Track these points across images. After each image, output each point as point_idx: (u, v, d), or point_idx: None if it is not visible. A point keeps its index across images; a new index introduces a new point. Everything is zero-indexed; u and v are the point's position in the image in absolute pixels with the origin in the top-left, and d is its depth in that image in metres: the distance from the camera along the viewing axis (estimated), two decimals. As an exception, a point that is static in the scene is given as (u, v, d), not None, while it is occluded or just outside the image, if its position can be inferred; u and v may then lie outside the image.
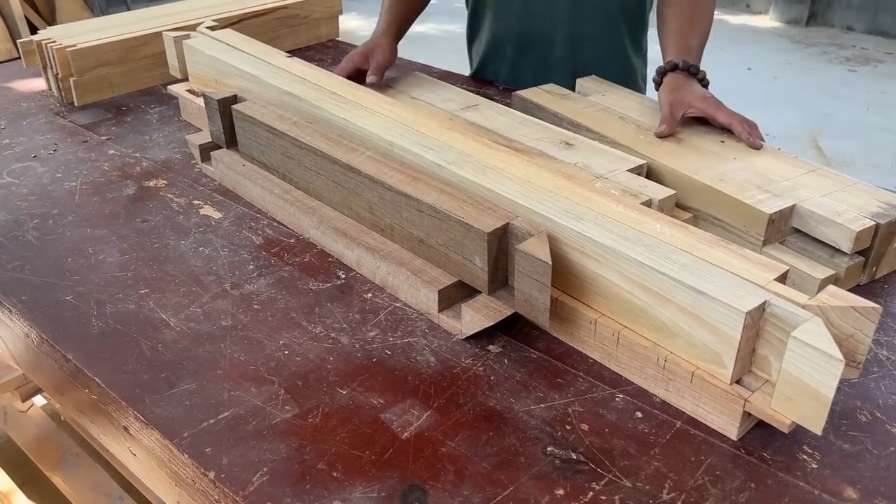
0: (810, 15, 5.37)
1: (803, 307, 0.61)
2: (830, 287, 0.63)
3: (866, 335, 0.61)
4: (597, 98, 1.16)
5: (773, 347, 0.64)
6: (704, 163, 0.95)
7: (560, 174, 0.82)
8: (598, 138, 1.03)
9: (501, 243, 0.76)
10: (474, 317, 0.77)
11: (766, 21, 5.48)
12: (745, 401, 0.64)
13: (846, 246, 0.81)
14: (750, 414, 0.65)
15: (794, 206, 0.85)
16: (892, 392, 0.72)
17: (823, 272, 0.80)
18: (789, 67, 4.58)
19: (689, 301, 0.65)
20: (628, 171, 0.92)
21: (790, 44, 5.03)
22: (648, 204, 0.85)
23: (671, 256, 0.68)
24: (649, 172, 0.95)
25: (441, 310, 0.80)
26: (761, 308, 0.63)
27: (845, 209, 0.83)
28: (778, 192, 0.87)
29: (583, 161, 0.95)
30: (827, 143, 3.55)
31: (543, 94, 1.17)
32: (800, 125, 3.73)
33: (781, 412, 0.62)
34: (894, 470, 0.63)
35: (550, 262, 0.70)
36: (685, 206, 0.92)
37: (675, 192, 0.88)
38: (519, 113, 1.11)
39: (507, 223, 0.76)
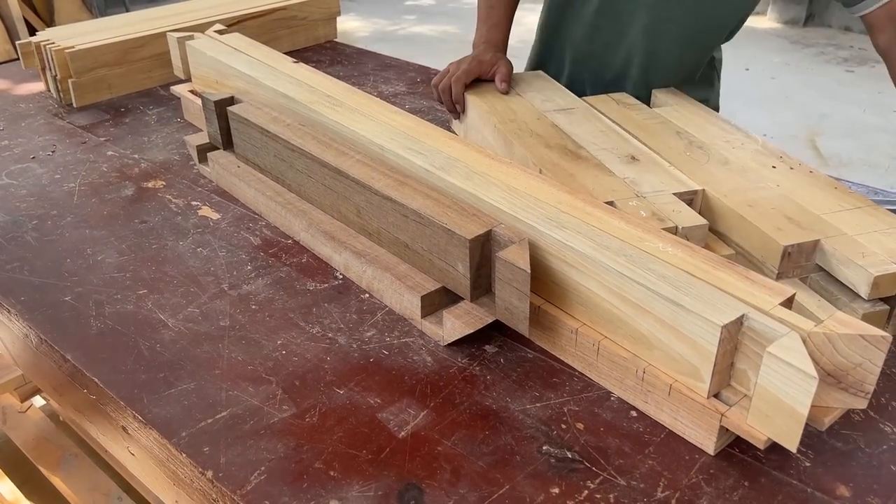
0: (808, 15, 5.38)
1: (809, 334, 0.59)
2: (838, 313, 0.61)
3: (875, 364, 0.58)
4: (664, 110, 1.13)
5: (751, 362, 0.63)
6: (742, 186, 0.90)
7: (558, 186, 0.81)
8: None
9: (484, 250, 0.76)
10: (455, 324, 0.77)
11: (764, 21, 5.49)
12: (722, 415, 0.63)
13: (864, 290, 0.75)
14: (728, 429, 0.64)
15: (817, 241, 0.80)
16: (885, 391, 0.72)
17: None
18: (787, 68, 4.59)
19: (666, 313, 0.65)
20: (675, 194, 0.88)
21: (788, 44, 5.04)
22: (674, 231, 0.81)
23: (651, 267, 0.67)
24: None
25: (424, 316, 0.80)
26: (739, 322, 0.62)
27: (873, 251, 0.77)
28: (807, 225, 0.82)
29: (634, 177, 0.92)
30: (824, 144, 3.56)
31: (609, 103, 1.16)
32: (797, 125, 3.73)
33: (757, 428, 0.62)
34: (887, 468, 0.64)
35: (529, 271, 0.70)
36: (724, 237, 0.88)
37: (705, 223, 0.84)
38: (608, 121, 1.09)
39: (490, 230, 0.76)
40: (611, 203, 0.86)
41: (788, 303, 0.64)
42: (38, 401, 1.63)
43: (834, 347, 0.59)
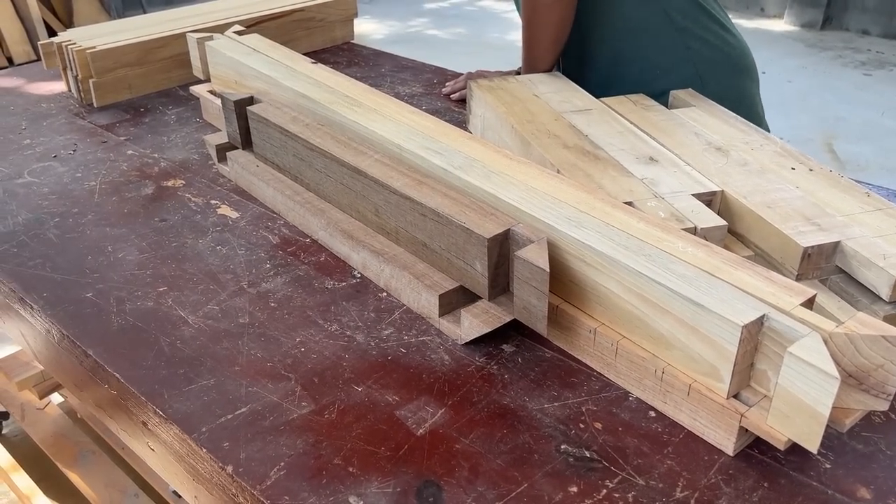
0: (825, 19, 5.34)
1: (830, 334, 0.59)
2: (860, 314, 0.61)
3: None
4: (682, 111, 1.12)
5: (771, 362, 0.62)
6: (760, 187, 0.90)
7: (577, 186, 0.81)
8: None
9: (503, 249, 0.76)
10: (473, 322, 0.77)
11: (781, 25, 5.46)
12: (742, 416, 0.63)
13: (885, 292, 0.75)
14: (747, 429, 0.64)
15: (837, 242, 0.79)
16: (906, 394, 0.72)
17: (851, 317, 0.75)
18: (804, 71, 4.56)
19: (686, 313, 0.64)
20: (694, 195, 0.88)
21: (805, 48, 5.01)
22: (693, 232, 0.81)
23: (671, 267, 0.67)
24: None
25: (442, 314, 0.80)
26: (759, 322, 0.61)
27: (894, 253, 0.76)
28: (827, 227, 0.81)
29: (652, 178, 0.92)
30: (841, 147, 3.53)
31: (626, 103, 1.16)
32: (814, 129, 3.71)
33: (777, 429, 0.61)
34: (908, 471, 0.64)
35: (548, 270, 0.70)
36: (743, 238, 0.88)
37: (725, 223, 0.83)
38: (626, 122, 1.08)
39: (509, 229, 0.76)
40: (629, 204, 0.86)
41: (809, 303, 0.64)
42: (56, 398, 1.65)
43: (856, 348, 0.59)
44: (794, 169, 0.95)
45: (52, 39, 1.44)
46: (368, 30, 5.46)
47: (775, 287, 0.65)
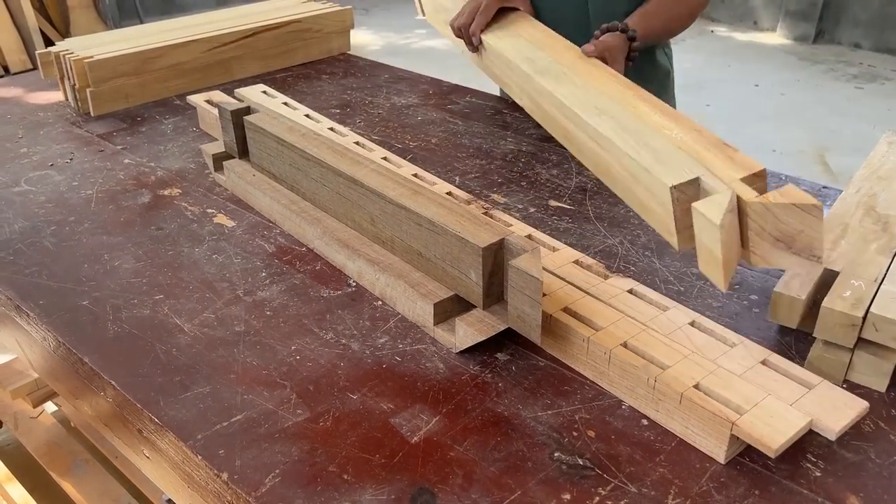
0: (818, 32, 5.39)
1: (749, 203, 0.68)
2: (788, 185, 0.69)
3: (815, 230, 0.66)
4: None
5: None
6: None
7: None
8: None
9: (497, 258, 0.77)
10: (467, 331, 0.78)
11: (774, 38, 5.50)
12: (733, 424, 0.64)
13: None
14: (738, 437, 0.65)
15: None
16: (895, 403, 0.72)
17: None
18: (796, 84, 4.59)
19: (644, 178, 0.78)
20: None
21: (797, 61, 5.05)
22: None
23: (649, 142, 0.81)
24: None
25: (436, 323, 0.81)
26: (693, 183, 0.73)
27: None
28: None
29: None
30: (833, 160, 3.56)
31: None
32: (807, 141, 3.74)
33: (768, 436, 0.62)
34: (897, 479, 0.64)
35: (542, 279, 0.71)
36: None
37: None
38: None
39: (503, 238, 0.77)
40: None
41: (755, 177, 0.72)
42: (49, 406, 1.65)
43: (775, 216, 0.66)
44: None
45: (50, 49, 1.45)
46: (365, 41, 5.49)
47: (729, 163, 0.74)
